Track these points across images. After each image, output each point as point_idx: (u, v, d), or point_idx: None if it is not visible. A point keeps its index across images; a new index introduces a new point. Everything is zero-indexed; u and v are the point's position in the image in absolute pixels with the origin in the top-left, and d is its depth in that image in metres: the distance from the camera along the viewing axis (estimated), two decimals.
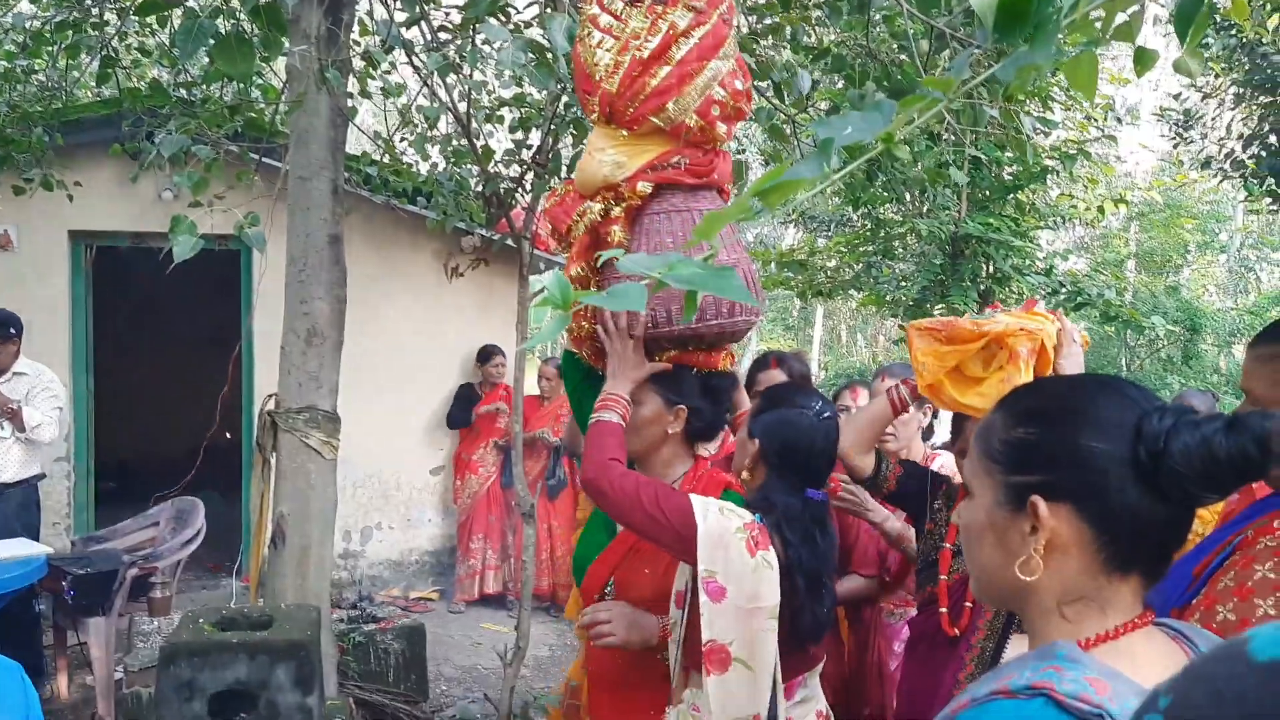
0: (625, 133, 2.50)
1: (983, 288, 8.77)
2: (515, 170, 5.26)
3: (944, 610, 2.55)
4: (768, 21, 4.95)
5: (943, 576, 2.60)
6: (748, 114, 2.77)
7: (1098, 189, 10.40)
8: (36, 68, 6.20)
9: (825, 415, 2.45)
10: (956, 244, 8.42)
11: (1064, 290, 8.89)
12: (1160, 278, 18.29)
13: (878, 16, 4.72)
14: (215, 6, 3.61)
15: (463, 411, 7.45)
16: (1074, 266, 11.88)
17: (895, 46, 5.02)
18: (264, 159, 5.88)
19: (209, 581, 7.19)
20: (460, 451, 7.55)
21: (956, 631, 2.51)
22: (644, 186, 2.47)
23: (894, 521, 3.20)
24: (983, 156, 4.93)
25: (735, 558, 2.19)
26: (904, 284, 9.38)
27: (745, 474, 2.47)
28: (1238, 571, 1.79)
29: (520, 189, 5.28)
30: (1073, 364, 2.41)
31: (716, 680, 2.14)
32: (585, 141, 2.67)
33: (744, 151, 5.74)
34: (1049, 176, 8.63)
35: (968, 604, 2.48)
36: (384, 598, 7.25)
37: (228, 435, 8.62)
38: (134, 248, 7.26)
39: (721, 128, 2.50)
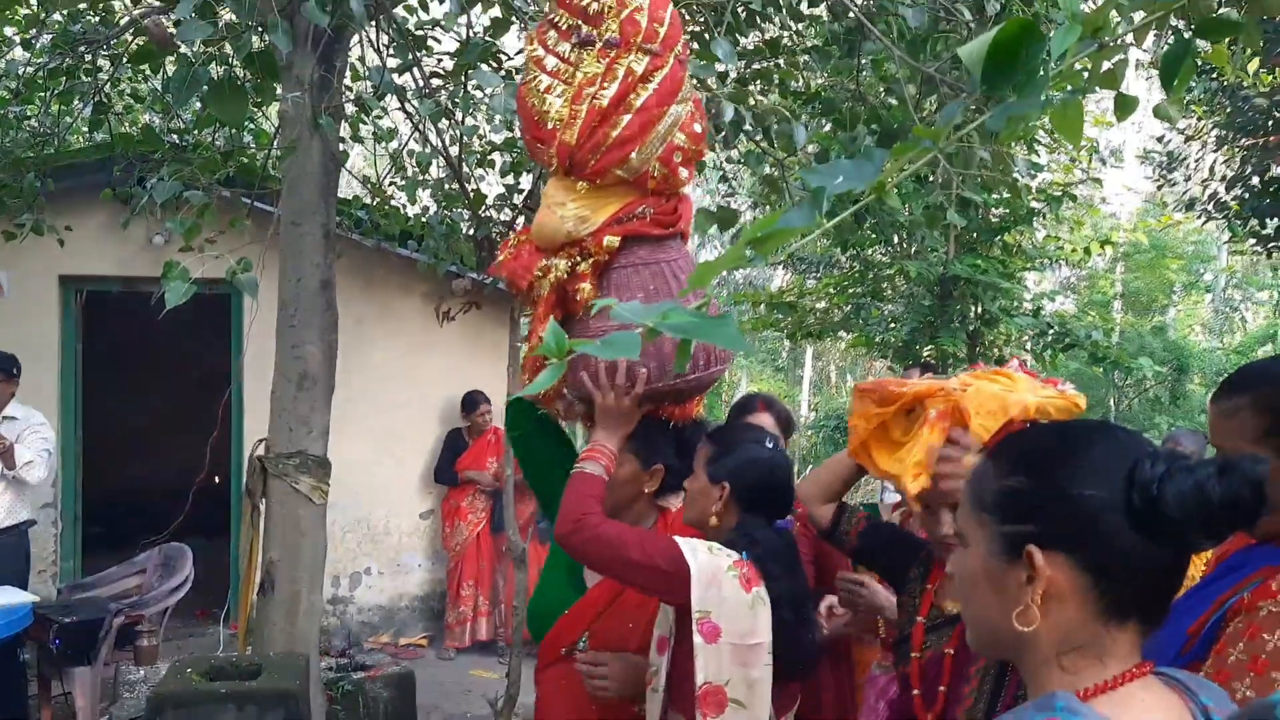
0: (584, 185, 2.41)
1: (971, 329, 8.82)
2: (507, 214, 5.29)
3: (916, 693, 2.31)
4: (756, 67, 5.02)
5: (914, 655, 2.33)
6: (705, 155, 2.76)
7: (1083, 230, 10.49)
8: (29, 114, 6.23)
9: (777, 447, 2.49)
10: (945, 285, 8.48)
11: (1052, 331, 8.95)
12: (1146, 318, 18.40)
13: (865, 61, 4.78)
14: (209, 53, 3.64)
15: (450, 464, 7.42)
16: (1061, 307, 11.96)
17: (883, 90, 5.08)
18: (255, 204, 5.90)
19: (196, 629, 7.11)
20: (449, 497, 7.51)
21: (931, 718, 2.28)
22: (611, 241, 2.40)
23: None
24: (975, 198, 4.97)
25: (730, 596, 2.18)
26: (893, 325, 9.43)
27: (714, 520, 2.37)
28: (1247, 643, 1.74)
29: (512, 232, 5.31)
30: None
31: None
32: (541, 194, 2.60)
33: (734, 194, 5.79)
34: (1035, 219, 8.71)
35: (941, 687, 2.25)
36: (373, 644, 7.19)
37: (215, 480, 8.60)
38: (124, 292, 7.25)
39: (683, 173, 2.46)
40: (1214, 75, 8.77)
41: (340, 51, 4.58)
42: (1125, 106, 1.96)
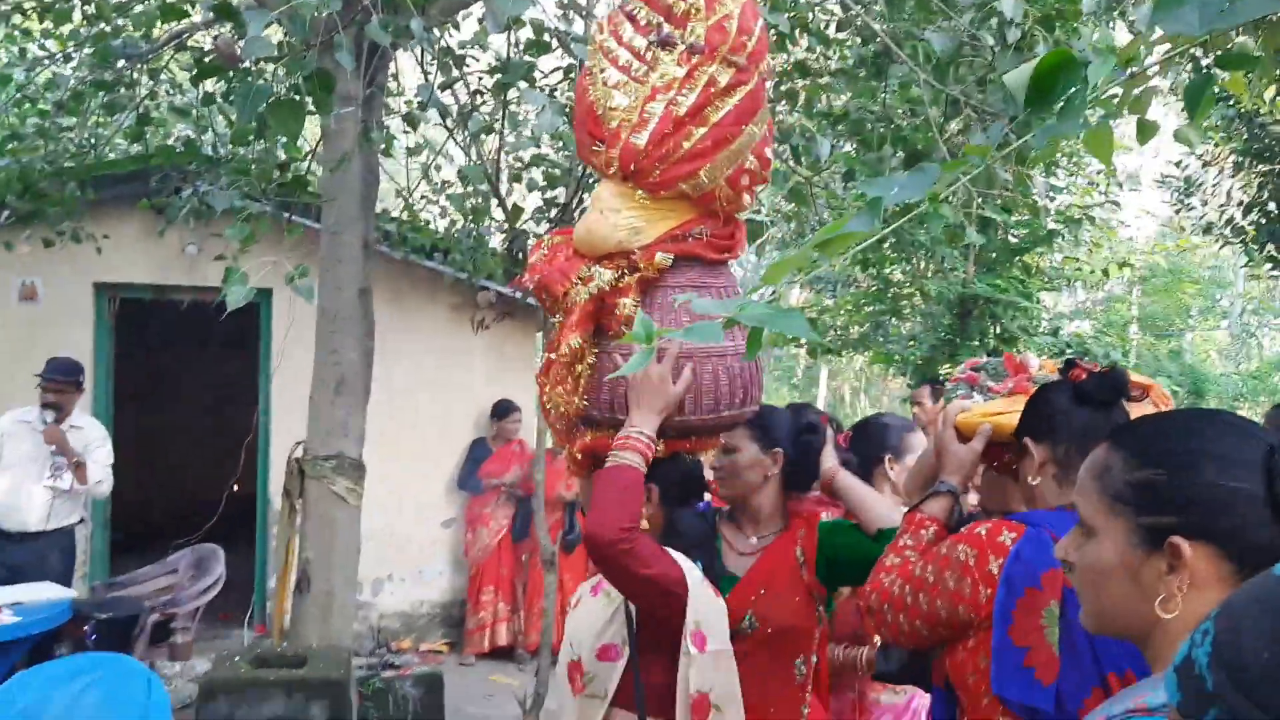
0: (644, 194, 2.26)
1: (991, 347, 8.98)
2: (544, 227, 5.47)
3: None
4: (784, 88, 5.21)
5: None
6: (768, 181, 2.62)
7: (1101, 253, 10.64)
8: (70, 125, 6.44)
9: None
10: (964, 304, 8.64)
11: (1070, 351, 9.10)
12: (1163, 341, 18.53)
13: (892, 83, 4.96)
14: (269, 69, 3.83)
15: (473, 473, 7.57)
16: (1079, 328, 12.11)
17: (907, 111, 5.27)
18: (292, 216, 6.10)
19: (220, 631, 7.26)
20: (472, 504, 7.66)
21: None
22: (663, 258, 2.25)
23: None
24: (996, 218, 5.14)
25: (709, 603, 2.28)
26: (912, 343, 9.59)
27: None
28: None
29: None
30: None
31: None
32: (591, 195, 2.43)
33: (759, 211, 5.97)
34: (1054, 240, 8.88)
35: None
36: (395, 649, 7.33)
37: (235, 487, 8.76)
38: (157, 300, 7.44)
39: (747, 198, 2.35)
40: (1231, 103, 8.96)
41: (382, 69, 4.79)
42: (1146, 131, 2.13)
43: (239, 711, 3.65)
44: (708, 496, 2.78)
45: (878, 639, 2.90)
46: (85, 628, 5.22)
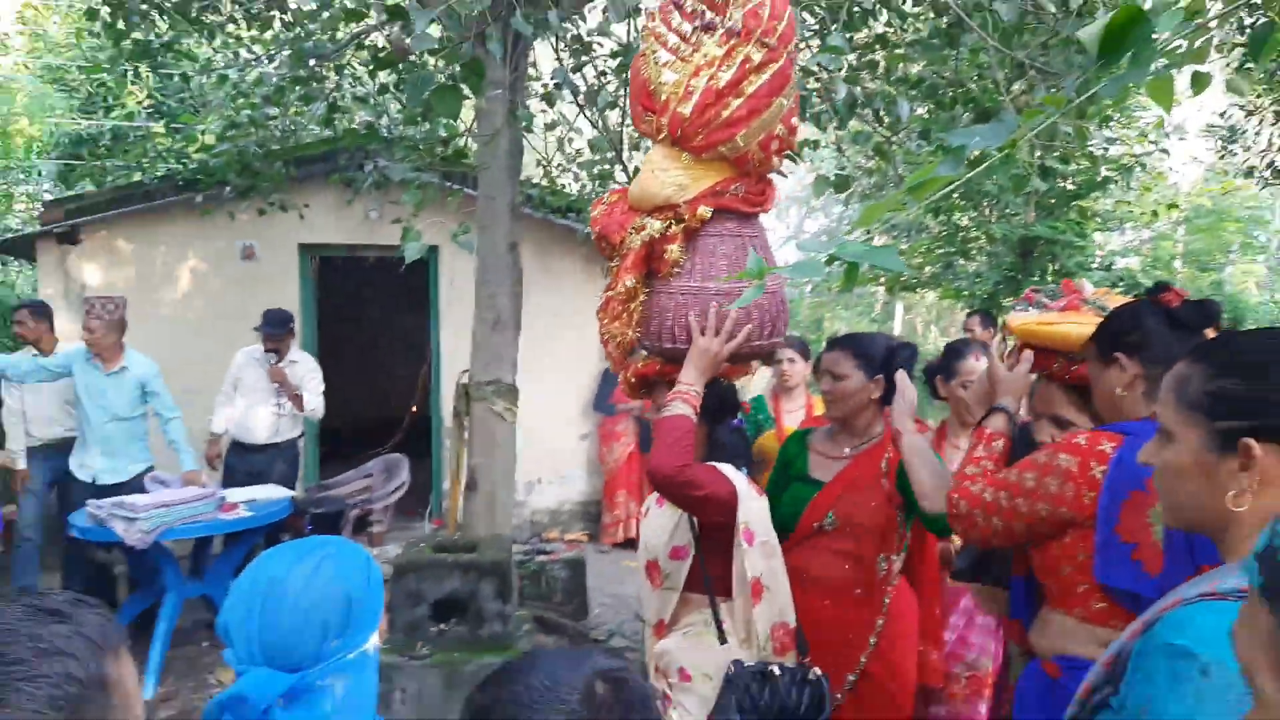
0: (689, 156, 2.26)
1: (1049, 283, 8.62)
2: None
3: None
4: (866, 58, 5.01)
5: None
6: (795, 147, 2.59)
7: (1150, 196, 10.06)
8: (275, 115, 6.61)
9: None
10: (1025, 245, 8.29)
11: (1121, 284, 8.67)
12: (1206, 274, 17.51)
13: (962, 50, 4.73)
14: (433, 62, 3.85)
15: (605, 398, 7.65)
16: (1129, 264, 11.51)
17: (976, 75, 5.02)
18: (453, 184, 6.18)
19: (406, 524, 7.55)
20: (605, 423, 7.75)
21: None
22: (705, 210, 2.26)
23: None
24: (1057, 167, 4.88)
25: (755, 504, 2.31)
26: (978, 280, 9.26)
27: None
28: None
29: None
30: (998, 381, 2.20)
31: (760, 607, 2.26)
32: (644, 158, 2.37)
33: (844, 168, 5.79)
34: (1108, 186, 8.42)
35: None
36: (545, 538, 7.52)
37: (414, 409, 9.05)
38: (348, 257, 7.65)
39: (776, 160, 2.33)
40: (1273, 56, 8.29)
41: (523, 56, 4.77)
42: (1201, 82, 1.98)
43: (424, 586, 3.78)
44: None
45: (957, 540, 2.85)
46: (303, 520, 5.50)
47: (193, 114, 8.58)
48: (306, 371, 5.79)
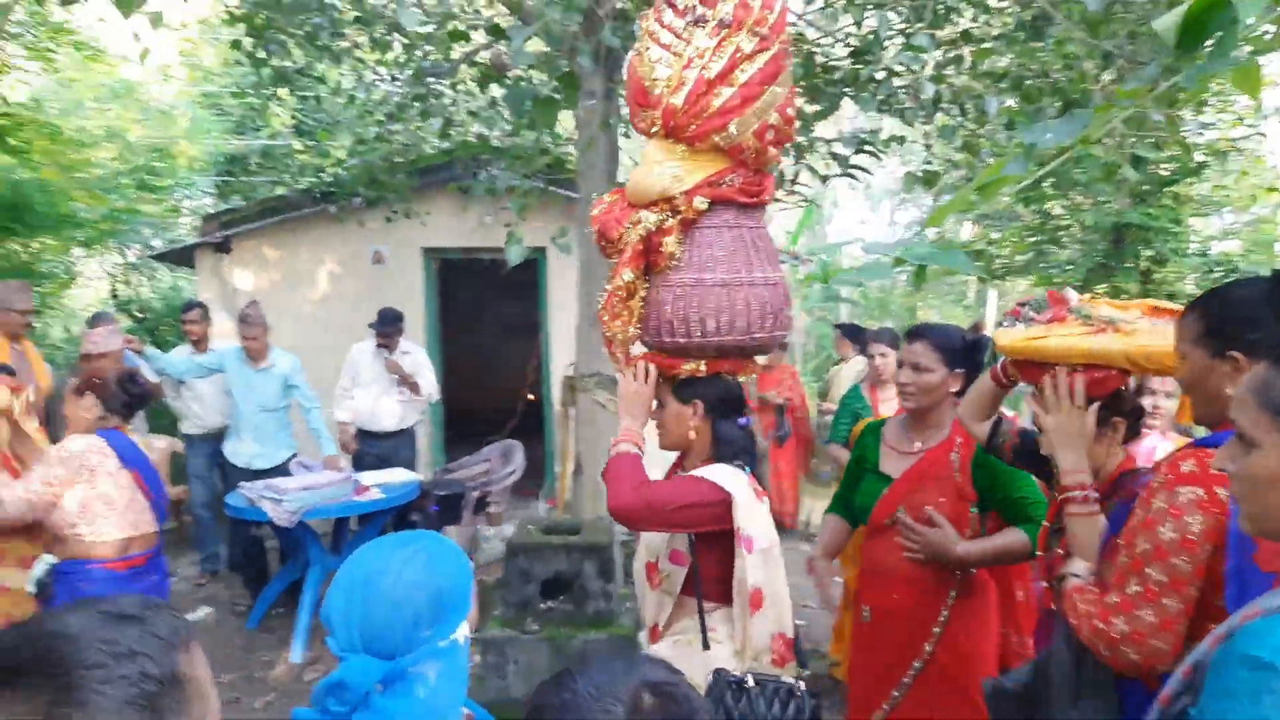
0: (684, 148, 2.14)
1: (1144, 268, 8.14)
2: None
3: (1045, 584, 2.13)
4: (951, 55, 4.80)
5: (1040, 554, 2.16)
6: (793, 139, 2.40)
7: (1248, 180, 9.35)
8: (397, 130, 6.79)
9: None
10: (1118, 232, 7.81)
11: (1219, 269, 8.09)
12: None
13: (1048, 42, 4.48)
14: (531, 74, 3.87)
15: None
16: (1227, 248, 10.74)
17: (1063, 66, 4.75)
18: (555, 188, 6.21)
19: (522, 504, 7.68)
20: None
21: (1050, 606, 2.07)
22: (700, 202, 2.13)
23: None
24: (1148, 156, 4.56)
25: (754, 509, 2.12)
26: (1071, 267, 8.80)
27: (692, 434, 2.23)
28: (1138, 508, 1.63)
29: None
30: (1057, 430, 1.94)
31: (756, 617, 2.10)
32: (640, 155, 2.27)
33: (930, 162, 5.57)
34: (1203, 171, 7.84)
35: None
36: None
37: (530, 397, 9.19)
38: (465, 259, 7.80)
39: (773, 151, 2.17)
40: None
41: (617, 68, 4.75)
42: None
43: (533, 566, 3.83)
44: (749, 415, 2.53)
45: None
46: (428, 501, 5.63)
47: (327, 132, 8.89)
48: (419, 361, 5.93)
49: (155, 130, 10.38)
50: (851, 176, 4.40)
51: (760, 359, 2.39)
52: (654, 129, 2.16)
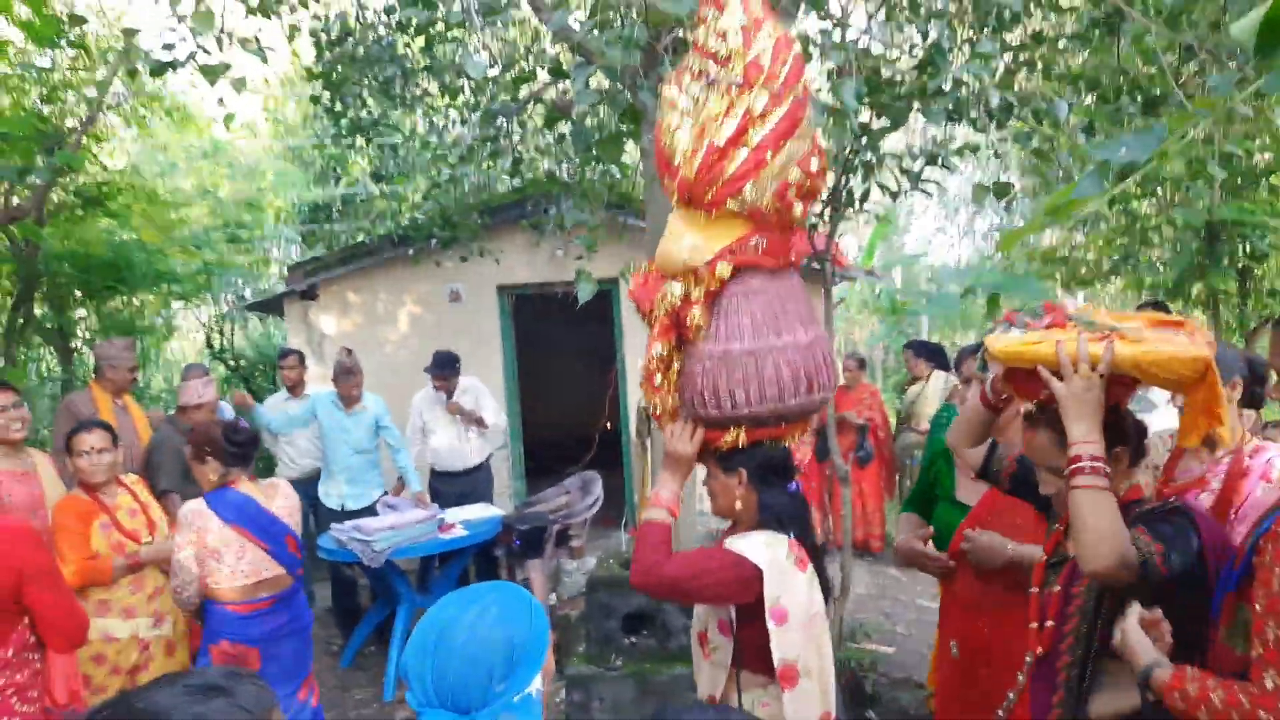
0: (704, 216, 2.08)
1: (1241, 265, 7.72)
2: (816, 207, 5.24)
3: (1034, 625, 2.01)
4: (1022, 58, 4.67)
5: (1034, 590, 2.04)
6: (823, 191, 2.33)
7: None
8: (468, 172, 6.96)
9: None
10: (1211, 229, 7.43)
11: None
12: None
13: (1125, 38, 4.32)
14: (596, 110, 3.92)
15: None
16: None
17: (1141, 61, 4.57)
18: (621, 217, 6.25)
19: (603, 535, 7.68)
20: None
21: (1040, 650, 1.98)
22: (723, 270, 2.07)
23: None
24: (1236, 151, 4.35)
25: (792, 580, 2.04)
26: (1162, 269, 8.41)
27: (738, 504, 2.18)
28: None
29: (821, 221, 5.28)
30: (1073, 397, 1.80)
31: (790, 695, 2.01)
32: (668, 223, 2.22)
33: (1006, 170, 5.42)
34: None
35: (1049, 622, 1.97)
36: None
37: (608, 426, 9.21)
38: (538, 294, 7.91)
39: (798, 207, 2.10)
40: None
41: None
42: None
43: (614, 601, 3.82)
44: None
45: None
46: (511, 536, 5.68)
47: (403, 177, 9.17)
48: (480, 395, 6.00)
49: (243, 185, 10.88)
50: (924, 191, 4.31)
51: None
52: (674, 199, 2.14)
